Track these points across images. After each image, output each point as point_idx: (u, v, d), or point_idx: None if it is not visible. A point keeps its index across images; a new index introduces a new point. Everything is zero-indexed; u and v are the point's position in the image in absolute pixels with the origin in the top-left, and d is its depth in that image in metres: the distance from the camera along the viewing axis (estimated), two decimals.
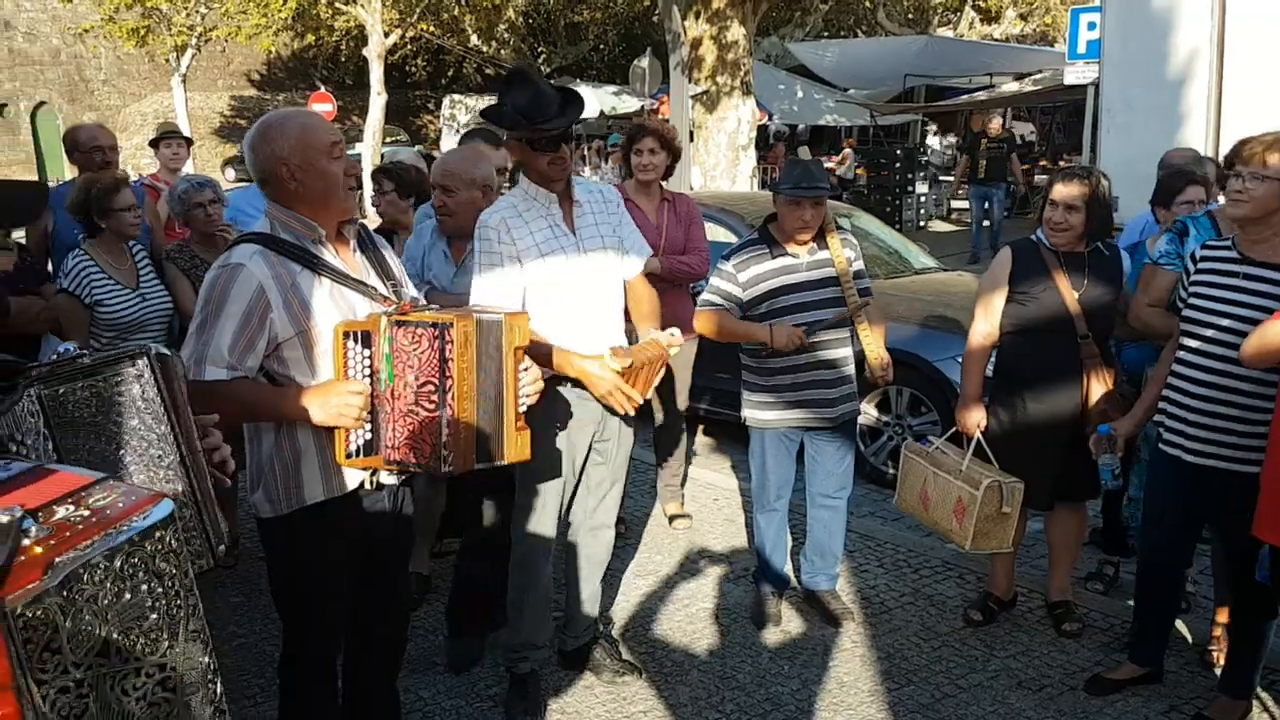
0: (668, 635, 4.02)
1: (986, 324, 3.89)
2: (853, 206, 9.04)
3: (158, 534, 0.93)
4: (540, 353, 2.96)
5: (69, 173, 23.85)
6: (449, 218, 3.74)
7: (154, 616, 0.93)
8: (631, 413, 3.26)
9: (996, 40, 26.83)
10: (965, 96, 21.53)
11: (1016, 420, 3.85)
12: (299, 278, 2.44)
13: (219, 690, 0.99)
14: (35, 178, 30.03)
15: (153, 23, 24.66)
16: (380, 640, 2.88)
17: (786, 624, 4.09)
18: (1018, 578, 4.23)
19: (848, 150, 20.62)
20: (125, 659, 0.90)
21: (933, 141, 24.33)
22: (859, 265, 3.97)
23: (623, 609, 4.25)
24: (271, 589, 2.70)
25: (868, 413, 5.84)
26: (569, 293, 3.24)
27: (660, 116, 15.11)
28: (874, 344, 3.89)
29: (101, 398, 1.73)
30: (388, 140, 23.50)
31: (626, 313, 3.47)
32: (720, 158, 14.20)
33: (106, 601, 0.89)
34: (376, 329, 2.41)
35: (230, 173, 27.34)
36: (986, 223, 14.48)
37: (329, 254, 2.52)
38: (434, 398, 2.38)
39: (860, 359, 3.96)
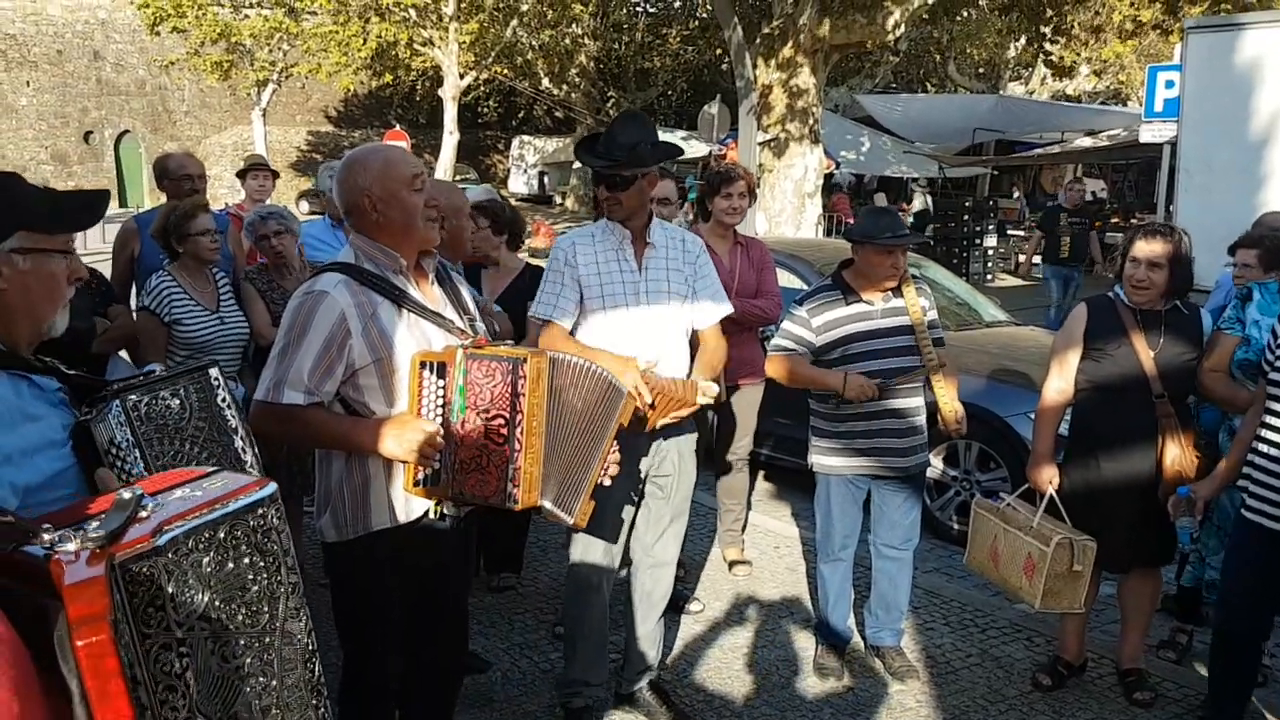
0: (724, 685, 3.95)
1: (1061, 380, 3.81)
2: (922, 256, 8.98)
3: (260, 510, 0.99)
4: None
5: (149, 200, 24.50)
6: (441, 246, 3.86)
7: (255, 589, 0.98)
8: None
9: (1069, 96, 26.65)
10: (1037, 151, 21.39)
11: (1089, 479, 3.75)
12: (379, 308, 2.47)
13: (318, 671, 1.02)
14: (118, 203, 31.07)
15: (236, 58, 25.51)
16: (438, 670, 2.87)
17: (847, 679, 4.00)
18: (1089, 642, 4.10)
19: (917, 196, 20.56)
20: (225, 626, 0.94)
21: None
22: (933, 315, 3.93)
23: (679, 655, 4.19)
24: (334, 615, 2.71)
25: (935, 466, 5.74)
26: (626, 326, 3.30)
27: (727, 162, 15.20)
28: (948, 396, 3.83)
29: (185, 402, 1.82)
30: (457, 178, 23.93)
31: None
32: (786, 204, 14.23)
33: (210, 569, 0.93)
34: (452, 361, 2.43)
35: (304, 205, 28.00)
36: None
37: (410, 286, 2.56)
38: (503, 431, 2.40)
39: (932, 409, 3.90)
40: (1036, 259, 13.05)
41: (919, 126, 23.56)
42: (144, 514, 0.93)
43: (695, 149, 23.22)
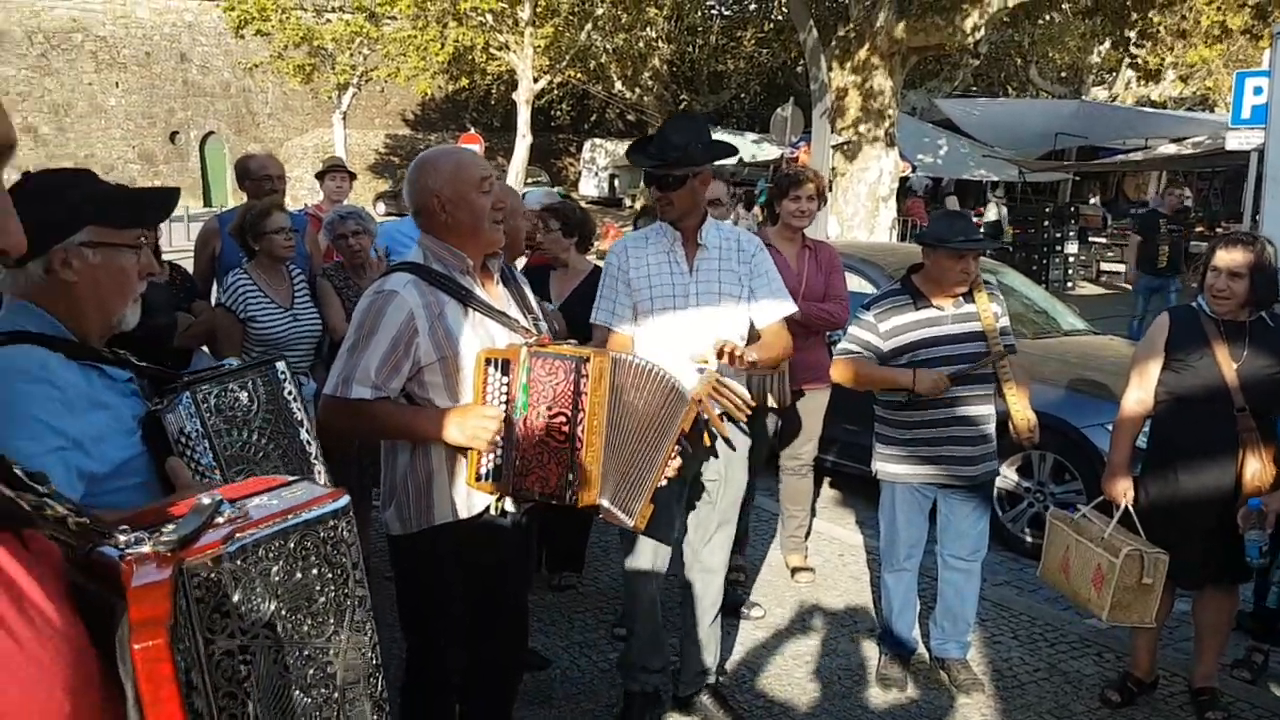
0: (784, 692, 3.92)
1: (1140, 391, 3.71)
2: (999, 263, 8.81)
3: (331, 522, 1.00)
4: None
5: (232, 200, 25.13)
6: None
7: (322, 600, 0.99)
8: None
9: (1154, 102, 25.95)
10: (1120, 158, 20.87)
11: (1167, 493, 3.64)
12: (446, 306, 2.51)
13: (381, 687, 1.03)
14: (202, 203, 31.97)
15: (318, 61, 26.04)
16: (498, 666, 2.90)
17: (911, 691, 3.94)
18: (1161, 659, 3.98)
19: (992, 201, 20.19)
20: (290, 635, 0.95)
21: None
22: (1005, 322, 3.85)
23: (738, 660, 4.16)
24: (398, 608, 2.75)
25: (1008, 477, 5.63)
26: (677, 328, 3.29)
27: (800, 165, 15.10)
28: (1019, 403, 3.75)
29: (252, 395, 1.86)
30: (528, 181, 24.17)
31: None
32: (859, 207, 14.08)
33: (279, 578, 0.94)
34: (516, 358, 2.46)
35: (381, 206, 28.52)
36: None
37: (475, 285, 2.59)
38: (565, 429, 2.43)
39: (1003, 419, 3.82)
40: (1119, 266, 12.39)
41: (999, 131, 23.11)
42: (220, 520, 0.95)
43: (768, 152, 23.10)
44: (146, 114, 33.87)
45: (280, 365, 1.95)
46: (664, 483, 2.72)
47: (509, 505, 2.59)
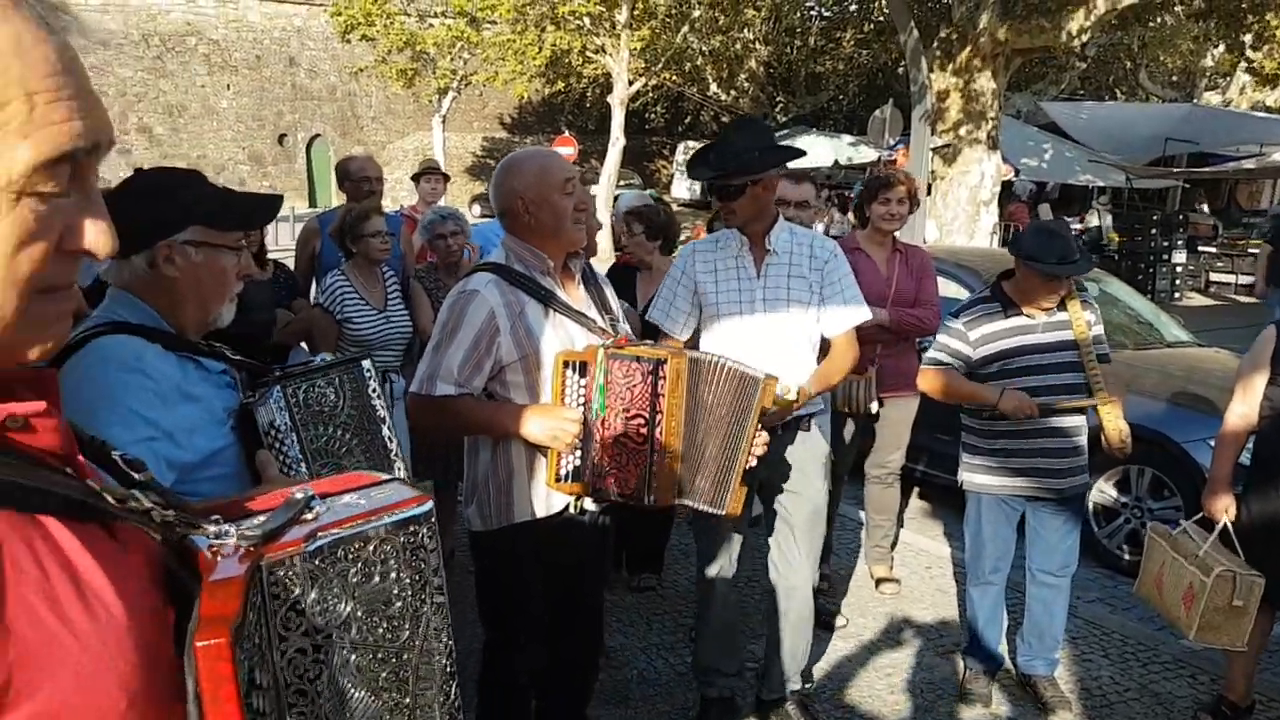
0: (866, 704, 3.87)
1: (1245, 405, 3.57)
2: (1103, 272, 8.54)
3: (413, 528, 1.00)
4: None
5: (335, 200, 25.79)
6: None
7: (398, 605, 0.99)
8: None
9: (1269, 107, 24.82)
10: (1232, 165, 20.02)
11: (1268, 512, 3.49)
12: (527, 306, 2.55)
13: (454, 695, 1.04)
14: (307, 204, 32.89)
15: (420, 66, 26.55)
16: (574, 664, 2.93)
17: (996, 707, 3.85)
18: (1258, 683, 3.80)
19: (1095, 208, 19.56)
20: (365, 638, 0.96)
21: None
22: (1098, 330, 3.73)
23: (822, 670, 4.11)
24: (478, 603, 2.80)
25: (1104, 492, 5.46)
26: (742, 335, 3.27)
27: (898, 167, 14.86)
28: (1112, 415, 3.63)
29: (339, 391, 1.92)
30: (621, 183, 24.25)
31: None
32: (959, 212, 13.79)
33: (356, 580, 0.95)
34: (593, 360, 2.48)
35: (476, 208, 28.95)
36: None
37: (556, 286, 2.62)
38: (643, 431, 2.45)
39: (1095, 430, 3.70)
40: (1228, 277, 11.62)
41: (1105, 135, 22.36)
42: (309, 516, 0.96)
43: (864, 154, 22.75)
44: (256, 116, 34.97)
45: (365, 364, 2.00)
46: (753, 463, 2.71)
47: (588, 504, 2.62)
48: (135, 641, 0.79)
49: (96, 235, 0.80)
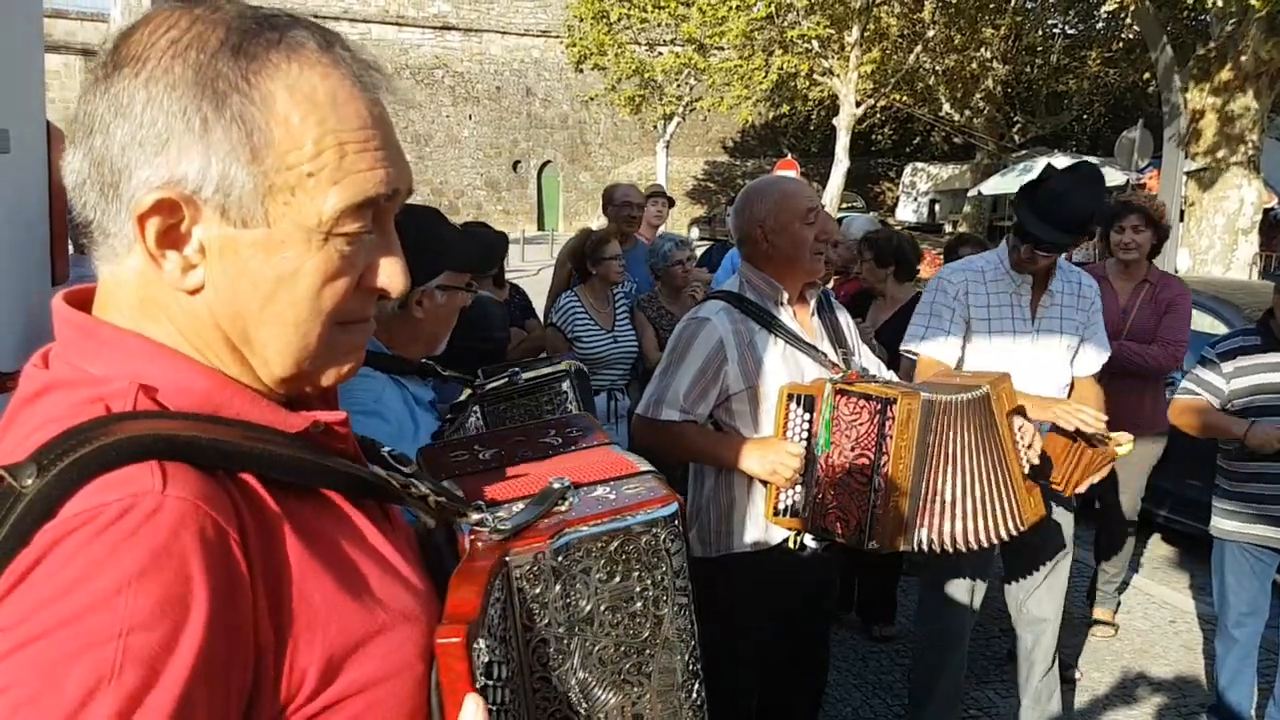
0: None
1: None
2: None
3: (655, 530, 1.01)
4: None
5: (562, 225, 26.70)
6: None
7: (639, 605, 1.01)
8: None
9: None
10: None
11: None
12: (756, 336, 2.54)
13: (699, 693, 1.05)
14: (536, 227, 34.29)
15: (647, 93, 27.20)
16: (795, 701, 2.88)
17: None
18: None
19: None
20: (607, 632, 0.99)
21: None
22: None
23: None
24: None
25: None
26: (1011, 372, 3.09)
27: (1147, 192, 13.96)
28: None
29: (532, 413, 1.96)
30: (843, 206, 23.92)
31: None
32: (1215, 240, 12.82)
33: (599, 577, 0.98)
34: (820, 395, 2.44)
35: (694, 231, 29.27)
36: None
37: (787, 316, 2.61)
38: (868, 472, 2.36)
39: None
40: None
41: None
42: (561, 507, 0.99)
43: (1112, 177, 21.48)
44: (494, 144, 36.80)
45: (564, 385, 2.01)
46: (1028, 465, 2.55)
47: (808, 541, 2.58)
48: (430, 617, 0.86)
49: (392, 275, 0.88)
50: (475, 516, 0.96)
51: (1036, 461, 2.57)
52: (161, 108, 0.77)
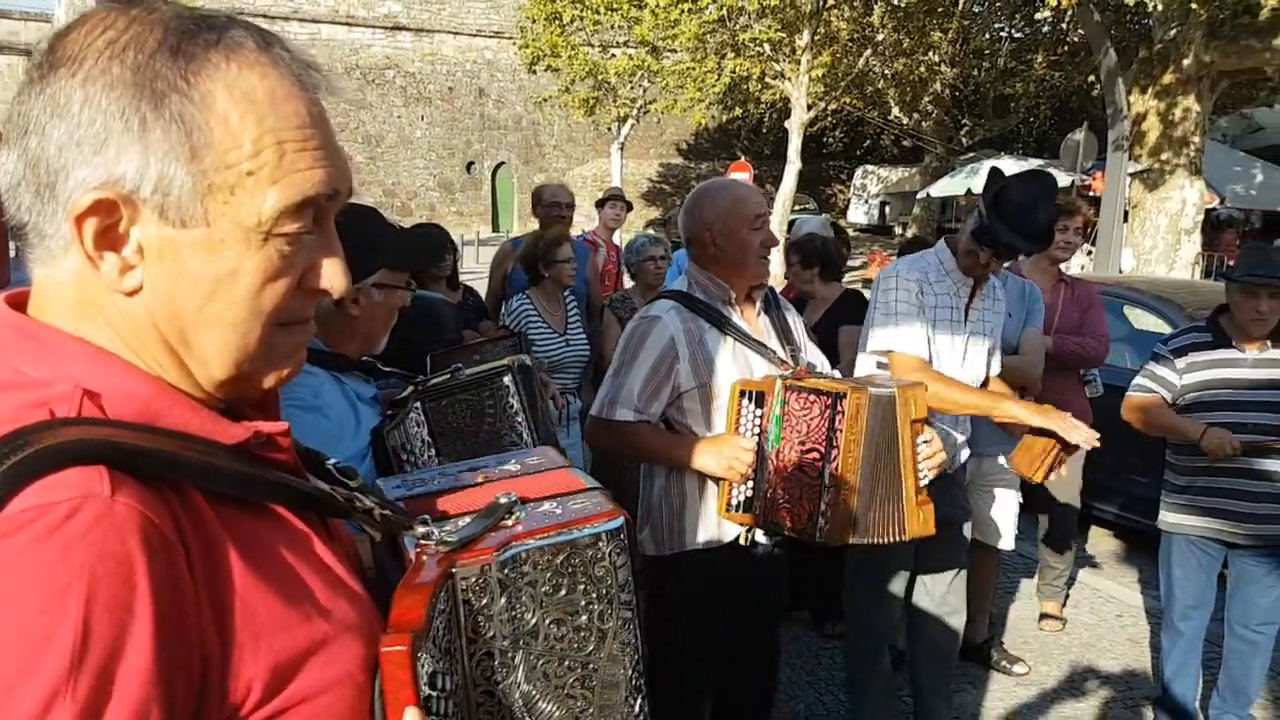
0: None
1: None
2: None
3: (601, 544, 1.01)
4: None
5: (517, 226, 26.54)
6: None
7: (584, 618, 1.01)
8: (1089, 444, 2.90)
9: None
10: None
11: None
12: (706, 334, 2.57)
13: (640, 705, 1.05)
14: (491, 228, 34.11)
15: (601, 94, 27.18)
16: (746, 698, 2.90)
17: None
18: None
19: None
20: (551, 646, 0.99)
21: None
22: None
23: (996, 716, 3.96)
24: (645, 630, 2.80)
25: None
26: (943, 370, 3.17)
27: (1092, 193, 14.21)
28: None
29: (475, 409, 1.95)
30: (796, 208, 24.08)
31: None
32: (1158, 240, 13.09)
33: (545, 590, 0.98)
34: (771, 390, 2.47)
35: (650, 233, 29.24)
36: None
37: (736, 315, 2.64)
38: (818, 465, 2.39)
39: None
40: None
41: None
42: (507, 522, 0.99)
43: (1057, 179, 21.79)
44: (446, 145, 36.56)
45: (506, 379, 1.99)
46: (925, 477, 2.52)
47: (760, 537, 2.60)
48: (373, 629, 0.87)
49: (333, 276, 0.89)
50: (421, 530, 0.96)
51: (932, 476, 2.56)
52: (99, 108, 0.76)
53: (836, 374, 2.89)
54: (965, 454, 3.20)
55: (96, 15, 0.80)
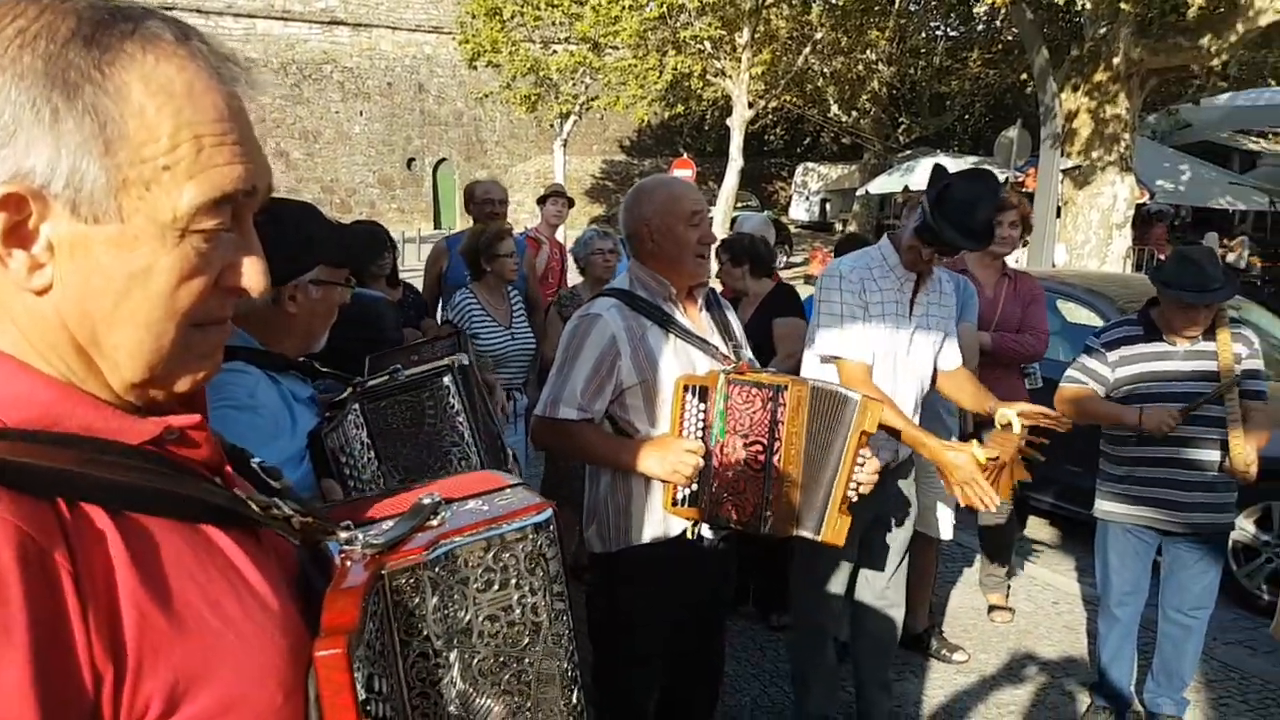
0: None
1: None
2: (1244, 299, 8.14)
3: (530, 536, 1.00)
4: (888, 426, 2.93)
5: (460, 223, 26.26)
6: None
7: (518, 613, 1.00)
8: (985, 508, 3.07)
9: None
10: None
11: None
12: (648, 331, 2.57)
13: (576, 697, 1.05)
14: (433, 225, 33.79)
15: (543, 91, 27.07)
16: (692, 691, 2.91)
17: None
18: None
19: (1241, 237, 18.63)
20: (486, 643, 0.98)
21: None
22: (1254, 364, 3.56)
23: (939, 705, 4.03)
24: (589, 626, 2.79)
25: (1244, 529, 5.20)
26: (885, 368, 3.21)
27: (1026, 189, 14.47)
28: (1239, 440, 3.46)
29: (414, 410, 1.93)
30: (739, 205, 24.20)
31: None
32: (1090, 235, 13.37)
33: (477, 588, 0.97)
34: (714, 385, 2.49)
35: (598, 228, 29.20)
36: None
37: (677, 312, 2.65)
38: (761, 458, 2.42)
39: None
40: None
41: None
42: (433, 522, 0.97)
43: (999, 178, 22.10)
44: (386, 141, 36.13)
45: (446, 379, 1.98)
46: (854, 492, 2.55)
47: (706, 531, 2.62)
48: (289, 640, 0.84)
49: (252, 274, 0.85)
50: (345, 535, 0.93)
51: (865, 493, 2.60)
52: (9, 98, 0.73)
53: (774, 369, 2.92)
54: (908, 449, 3.24)
55: (7, 3, 0.77)
